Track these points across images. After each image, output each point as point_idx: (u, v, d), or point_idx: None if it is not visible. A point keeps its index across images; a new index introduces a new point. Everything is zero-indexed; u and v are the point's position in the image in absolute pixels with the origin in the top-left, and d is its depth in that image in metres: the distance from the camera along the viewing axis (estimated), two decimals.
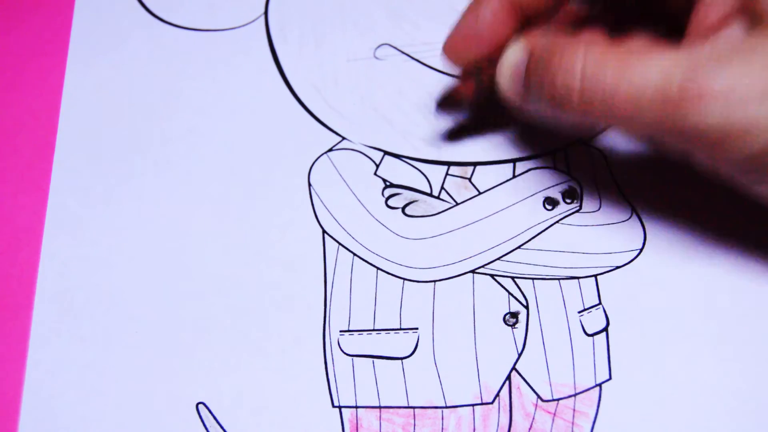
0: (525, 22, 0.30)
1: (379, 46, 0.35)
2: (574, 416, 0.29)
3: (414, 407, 0.29)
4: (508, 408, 0.29)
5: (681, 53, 0.24)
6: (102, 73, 0.36)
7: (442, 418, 0.29)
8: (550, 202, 0.32)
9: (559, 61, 0.26)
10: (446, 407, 0.29)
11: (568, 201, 0.32)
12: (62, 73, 0.36)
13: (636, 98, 0.25)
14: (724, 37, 0.26)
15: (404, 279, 0.31)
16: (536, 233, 0.32)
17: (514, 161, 0.33)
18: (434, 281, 0.31)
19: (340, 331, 0.31)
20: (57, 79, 0.36)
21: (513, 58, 0.29)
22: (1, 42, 0.37)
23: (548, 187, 0.32)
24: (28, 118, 0.35)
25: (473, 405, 0.29)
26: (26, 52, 0.37)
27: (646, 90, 0.24)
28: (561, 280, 0.31)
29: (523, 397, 0.29)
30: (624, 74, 0.25)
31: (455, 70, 0.32)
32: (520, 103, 0.29)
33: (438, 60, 0.35)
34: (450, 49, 0.30)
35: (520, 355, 0.30)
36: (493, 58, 0.29)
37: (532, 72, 0.28)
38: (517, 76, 0.28)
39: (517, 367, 0.30)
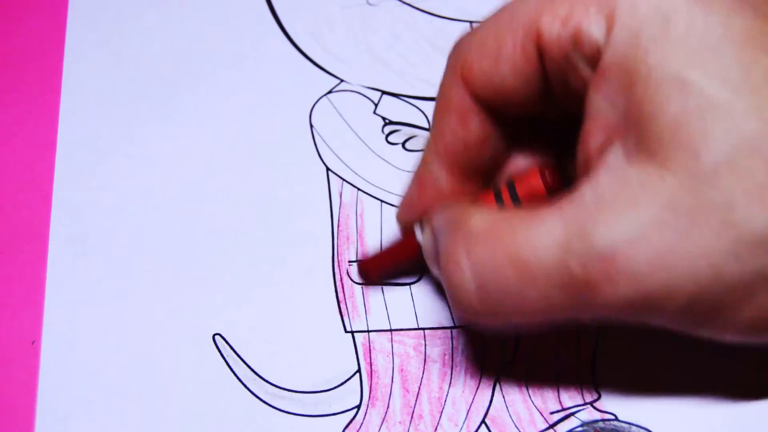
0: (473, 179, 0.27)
1: None
2: (578, 329, 0.30)
3: (424, 329, 0.30)
4: None
5: (566, 211, 0.21)
6: (99, 53, 0.36)
7: (452, 338, 0.30)
8: None
9: (446, 262, 0.23)
10: (455, 327, 0.30)
11: None
12: (60, 65, 0.37)
13: (545, 291, 0.22)
14: (607, 171, 0.21)
15: None
16: None
17: None
18: None
19: (349, 262, 0.31)
20: (55, 75, 0.36)
21: (424, 238, 0.26)
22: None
23: None
24: (27, 117, 0.36)
25: None
26: (23, 52, 0.37)
27: (552, 278, 0.21)
28: None
29: None
30: (520, 267, 0.22)
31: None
32: None
33: (429, 3, 0.36)
34: (400, 220, 0.29)
35: None
36: None
37: (439, 264, 0.24)
38: (431, 257, 0.26)
39: None
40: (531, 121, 0.26)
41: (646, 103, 0.20)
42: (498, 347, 0.30)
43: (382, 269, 0.30)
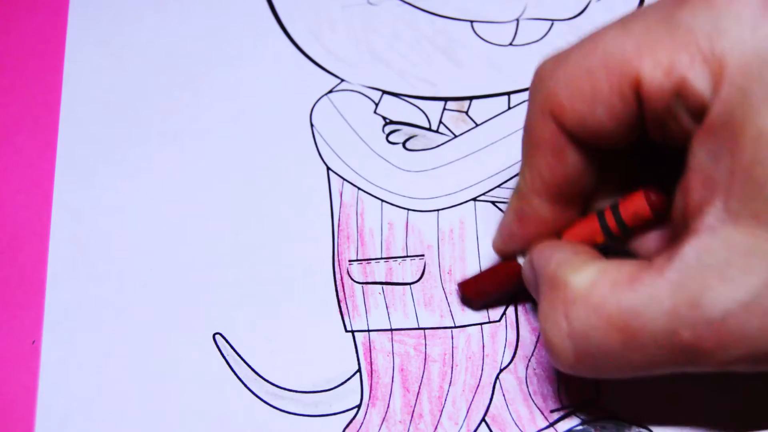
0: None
1: None
2: None
3: (424, 328, 0.30)
4: (515, 324, 0.30)
5: (668, 275, 0.21)
6: (100, 53, 0.36)
7: (452, 337, 0.30)
8: None
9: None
10: (455, 327, 0.30)
11: None
12: (61, 65, 0.37)
13: (653, 355, 0.22)
14: (711, 232, 0.21)
15: (408, 209, 0.32)
16: None
17: (509, 94, 0.34)
18: (437, 210, 0.32)
19: (349, 261, 0.31)
20: (56, 75, 0.36)
21: (527, 272, 0.26)
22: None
23: None
24: (28, 117, 0.36)
25: (481, 324, 0.30)
26: (23, 52, 0.37)
27: (655, 338, 0.21)
28: None
29: (529, 314, 0.30)
30: (626, 335, 0.21)
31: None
32: None
33: (430, 3, 0.36)
34: (498, 250, 0.29)
35: None
36: None
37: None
38: (532, 288, 0.26)
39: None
40: (622, 152, 0.25)
41: (756, 167, 0.19)
42: (498, 347, 0.30)
43: (482, 294, 0.30)
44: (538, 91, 0.24)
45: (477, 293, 0.30)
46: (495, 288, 0.29)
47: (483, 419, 0.29)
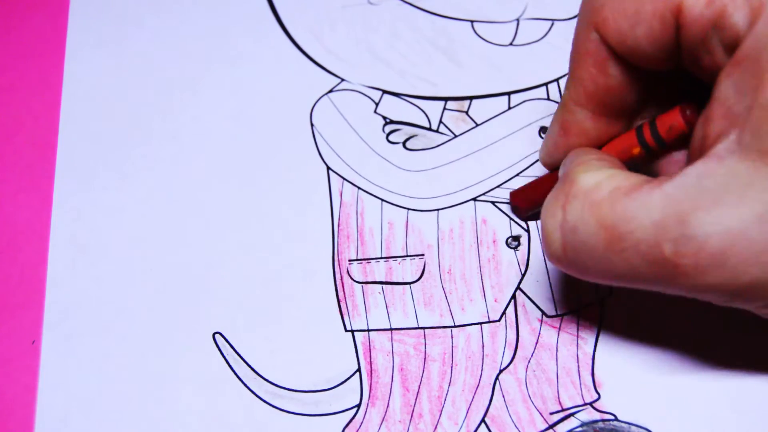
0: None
1: None
2: (578, 329, 0.30)
3: (424, 328, 0.30)
4: (514, 325, 0.30)
5: (668, 191, 0.21)
6: (100, 53, 0.36)
7: (452, 337, 0.30)
8: (545, 131, 0.33)
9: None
10: (455, 326, 0.30)
11: None
12: (61, 65, 0.37)
13: (632, 262, 0.22)
14: (717, 159, 0.21)
15: (408, 209, 0.32)
16: (533, 161, 0.33)
17: (509, 94, 0.34)
18: (437, 210, 0.32)
19: (349, 260, 0.31)
20: (56, 75, 0.36)
21: (560, 174, 0.27)
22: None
23: (543, 117, 0.33)
24: (28, 117, 0.36)
25: (481, 323, 0.30)
26: (23, 52, 0.37)
27: (642, 252, 0.22)
28: None
29: (529, 314, 0.30)
30: (612, 235, 0.22)
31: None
32: None
33: (430, 2, 0.36)
34: (544, 163, 0.30)
35: (523, 275, 0.31)
36: None
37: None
38: None
39: (521, 286, 0.31)
40: (662, 75, 0.26)
41: None
42: (498, 347, 0.30)
43: (530, 203, 0.31)
44: (587, 4, 0.25)
45: (526, 201, 0.31)
46: (542, 196, 0.29)
47: (483, 420, 0.29)
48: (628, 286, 0.24)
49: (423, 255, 0.31)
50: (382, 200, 0.32)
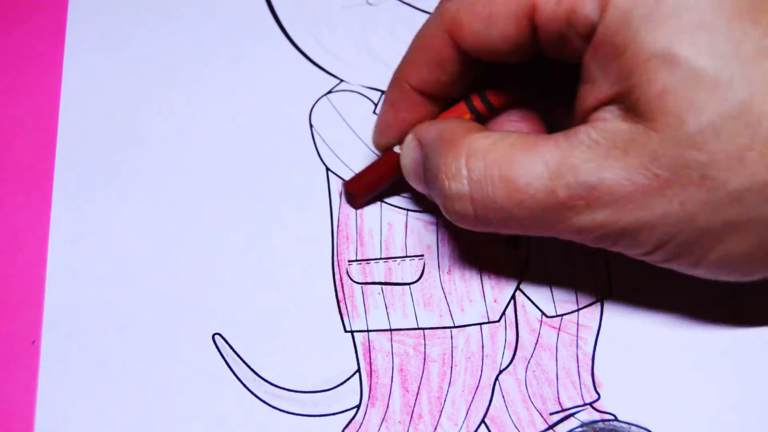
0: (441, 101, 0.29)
1: None
2: (578, 330, 0.30)
3: (423, 328, 0.30)
4: (514, 325, 0.30)
5: (561, 145, 0.24)
6: (99, 54, 0.36)
7: (452, 337, 0.30)
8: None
9: (445, 170, 0.26)
10: (455, 327, 0.30)
11: None
12: (60, 66, 0.37)
13: (531, 210, 0.24)
14: (603, 122, 0.24)
15: (407, 210, 0.32)
16: None
17: None
18: (437, 210, 0.32)
19: (349, 261, 0.31)
20: (55, 75, 0.36)
21: (407, 151, 0.29)
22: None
23: None
24: (27, 117, 0.36)
25: (480, 324, 0.30)
26: (23, 52, 0.37)
27: (538, 199, 0.24)
28: None
29: (528, 314, 0.30)
30: (512, 184, 0.24)
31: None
32: (428, 195, 0.29)
33: (429, 3, 0.36)
34: (377, 144, 0.31)
35: (523, 275, 0.31)
36: None
37: (426, 168, 0.27)
38: (415, 170, 0.28)
39: (521, 287, 0.31)
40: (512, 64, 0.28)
41: (636, 77, 0.22)
42: (497, 347, 0.30)
43: (365, 188, 0.31)
44: (441, 6, 0.27)
45: (361, 188, 0.31)
46: (377, 179, 0.31)
47: (482, 421, 0.29)
48: (526, 233, 0.26)
49: (422, 256, 0.31)
50: (382, 201, 0.32)
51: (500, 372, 0.30)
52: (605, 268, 0.31)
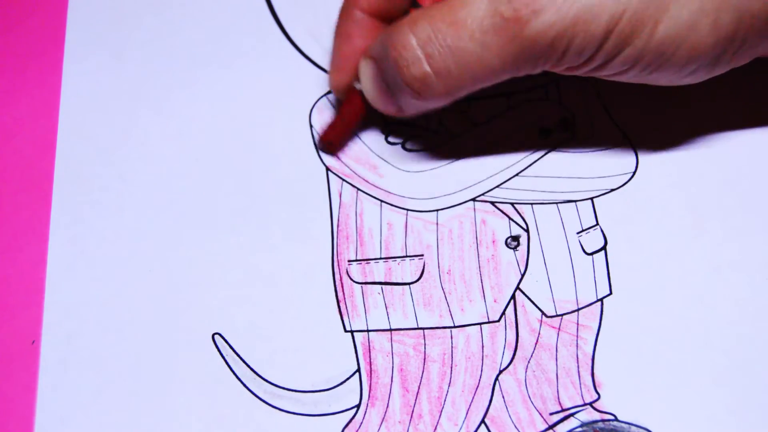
0: None
1: None
2: (578, 330, 0.30)
3: (423, 328, 0.30)
4: (514, 325, 0.30)
5: None
6: (99, 54, 0.37)
7: (451, 337, 0.30)
8: (545, 132, 0.33)
9: (395, 48, 0.27)
10: (455, 327, 0.30)
11: (562, 130, 0.33)
12: (60, 66, 0.37)
13: (483, 40, 0.25)
14: None
15: (407, 210, 0.32)
16: (532, 161, 0.33)
17: (508, 94, 0.34)
18: (437, 210, 0.32)
19: (349, 261, 0.31)
20: (55, 75, 0.36)
21: (364, 71, 0.29)
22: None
23: (542, 118, 0.33)
24: (27, 117, 0.36)
25: (480, 324, 0.30)
26: (23, 52, 0.37)
27: (485, 26, 0.25)
28: (559, 204, 0.32)
29: (528, 315, 0.30)
30: (457, 24, 0.26)
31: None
32: (397, 111, 0.30)
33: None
34: (336, 83, 0.32)
35: (523, 275, 0.31)
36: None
37: (384, 74, 0.28)
38: (377, 86, 0.29)
39: (520, 286, 0.31)
40: None
41: None
42: (497, 347, 0.30)
43: (340, 133, 0.33)
44: None
45: (335, 135, 0.32)
46: (349, 120, 0.32)
47: (482, 421, 0.29)
48: (492, 77, 0.27)
49: (422, 255, 0.31)
50: (382, 201, 0.32)
51: (500, 372, 0.30)
52: (605, 268, 0.31)
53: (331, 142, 0.33)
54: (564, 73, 0.28)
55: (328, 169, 0.33)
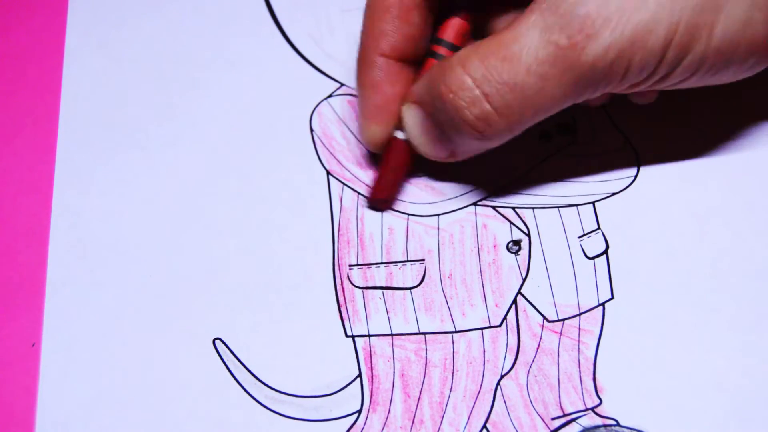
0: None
1: None
2: (579, 334, 0.30)
3: (425, 333, 0.30)
4: (515, 330, 0.30)
5: (538, 7, 0.25)
6: (99, 55, 0.36)
7: (453, 342, 0.30)
8: (545, 136, 0.33)
9: (449, 90, 0.26)
10: (456, 332, 0.30)
11: (563, 134, 0.33)
12: (60, 67, 0.37)
13: (541, 72, 0.25)
14: None
15: (408, 214, 0.32)
16: (533, 165, 0.33)
17: None
18: (437, 215, 0.32)
19: (350, 266, 0.31)
20: (55, 76, 0.36)
21: (409, 118, 0.29)
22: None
23: (543, 122, 0.33)
24: (27, 117, 0.36)
25: (482, 328, 0.30)
26: (23, 53, 0.37)
27: (541, 57, 0.24)
28: (560, 208, 0.32)
29: (530, 319, 0.30)
30: (511, 59, 0.25)
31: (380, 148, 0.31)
32: (449, 155, 0.29)
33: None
34: (371, 136, 0.30)
35: (524, 280, 0.31)
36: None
37: (435, 118, 0.27)
38: (426, 131, 0.28)
39: (522, 291, 0.31)
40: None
41: None
42: (499, 352, 0.30)
43: (390, 188, 0.31)
44: None
45: (387, 190, 0.31)
46: (398, 171, 0.31)
47: (484, 426, 0.29)
48: (558, 105, 0.26)
49: (423, 260, 0.31)
50: None
51: (502, 377, 0.30)
52: (607, 272, 0.31)
53: (385, 200, 0.31)
54: (626, 92, 0.27)
55: (328, 173, 0.33)
